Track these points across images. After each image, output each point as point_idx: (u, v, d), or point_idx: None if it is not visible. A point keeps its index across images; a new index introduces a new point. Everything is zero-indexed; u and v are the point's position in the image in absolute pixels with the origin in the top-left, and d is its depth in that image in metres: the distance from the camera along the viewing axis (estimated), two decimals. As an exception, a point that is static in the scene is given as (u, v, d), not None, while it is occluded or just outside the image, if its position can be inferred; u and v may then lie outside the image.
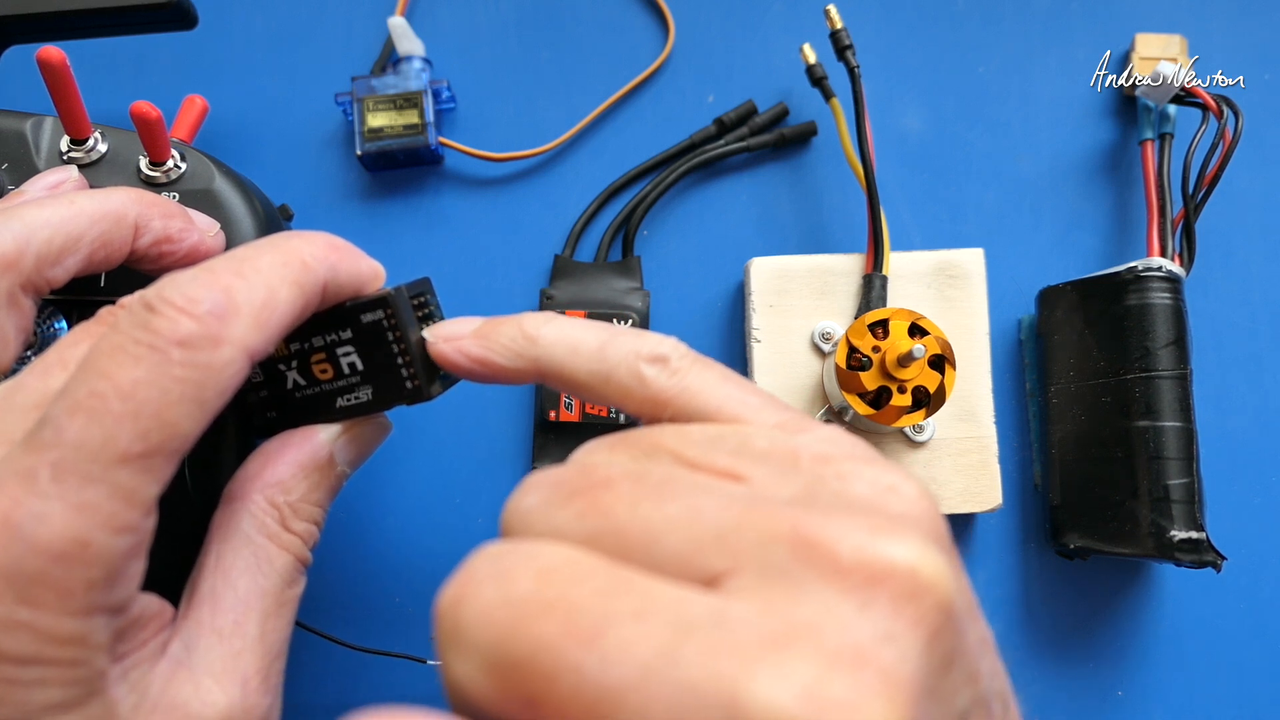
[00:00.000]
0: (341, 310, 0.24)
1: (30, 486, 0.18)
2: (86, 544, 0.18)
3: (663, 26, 0.41)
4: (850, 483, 0.18)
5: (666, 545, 0.16)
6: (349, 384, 0.25)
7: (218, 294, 0.20)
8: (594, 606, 0.15)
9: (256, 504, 0.23)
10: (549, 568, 0.16)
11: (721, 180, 0.40)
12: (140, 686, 0.21)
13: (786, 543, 0.16)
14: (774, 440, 0.19)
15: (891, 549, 0.16)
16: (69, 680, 0.19)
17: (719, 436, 0.19)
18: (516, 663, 0.15)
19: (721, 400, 0.21)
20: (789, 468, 0.18)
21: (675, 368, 0.21)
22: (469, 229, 0.39)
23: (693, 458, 0.19)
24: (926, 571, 0.15)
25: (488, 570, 0.16)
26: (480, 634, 0.16)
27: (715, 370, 0.22)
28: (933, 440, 0.35)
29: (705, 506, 0.17)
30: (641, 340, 0.22)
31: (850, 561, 0.15)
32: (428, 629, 0.36)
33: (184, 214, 0.26)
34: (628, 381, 0.21)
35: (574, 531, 0.17)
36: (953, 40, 0.41)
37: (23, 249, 0.22)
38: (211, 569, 0.23)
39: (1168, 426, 0.33)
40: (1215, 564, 0.31)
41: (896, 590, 0.15)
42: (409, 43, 0.39)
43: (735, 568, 0.16)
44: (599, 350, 0.22)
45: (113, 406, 0.19)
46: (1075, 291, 0.36)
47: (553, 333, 0.23)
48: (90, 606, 0.19)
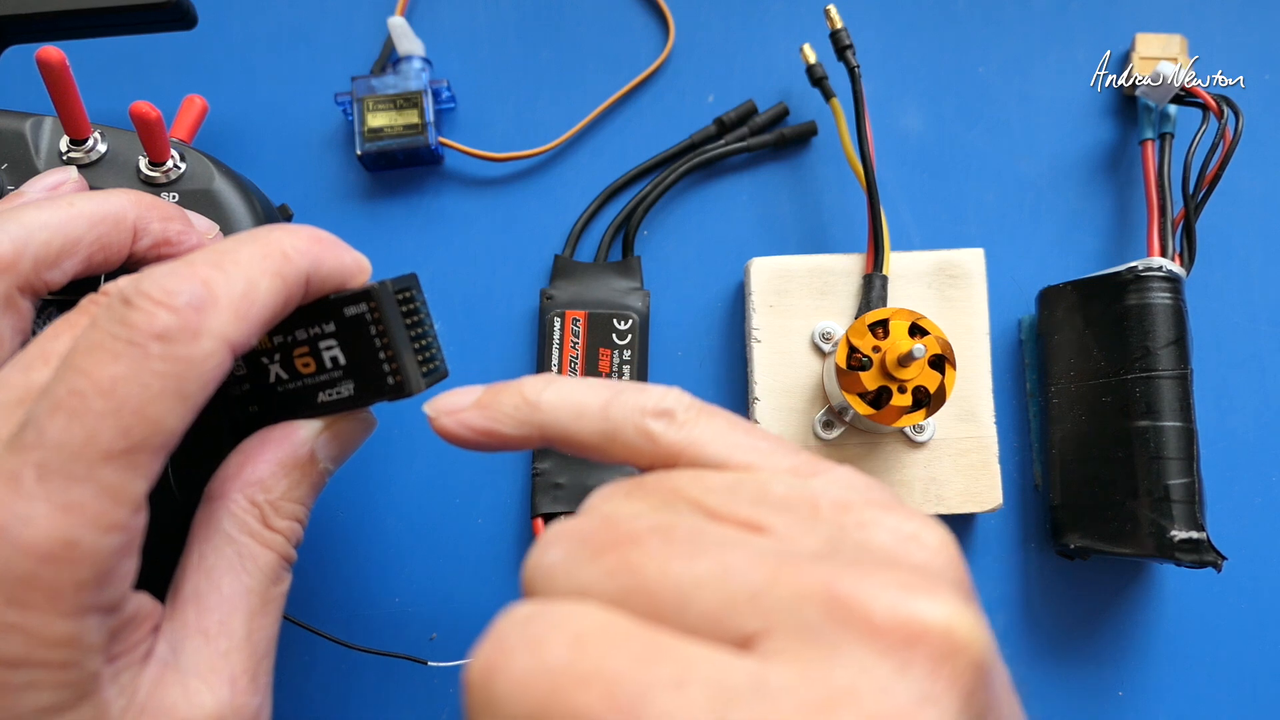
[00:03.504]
0: (325, 303, 0.24)
1: (14, 488, 0.18)
2: (74, 544, 0.18)
3: (663, 26, 0.41)
4: (872, 531, 0.18)
5: (699, 605, 0.16)
6: (331, 378, 0.25)
7: (196, 286, 0.20)
8: (633, 676, 0.15)
9: (237, 503, 0.23)
10: (582, 634, 0.16)
11: (721, 180, 0.40)
12: (129, 689, 0.20)
13: (819, 602, 0.16)
14: (791, 487, 0.19)
15: (925, 607, 0.15)
16: (60, 683, 0.19)
17: (737, 484, 0.19)
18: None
19: (731, 448, 0.21)
20: (809, 516, 0.18)
21: (682, 420, 0.21)
22: (469, 229, 0.39)
23: (714, 507, 0.19)
24: (961, 630, 0.15)
25: (519, 637, 0.16)
26: (516, 706, 0.15)
27: (721, 418, 0.21)
28: (933, 440, 0.35)
29: (735, 564, 0.17)
30: (645, 395, 0.22)
31: (885, 622, 0.15)
32: (427, 630, 0.36)
33: (183, 217, 0.26)
34: (634, 439, 0.21)
35: (603, 590, 0.17)
36: (953, 40, 0.41)
37: (20, 251, 0.22)
38: (195, 569, 0.23)
39: (1168, 426, 0.33)
40: (1215, 564, 0.31)
41: (933, 650, 0.15)
42: (409, 43, 0.39)
43: (769, 629, 0.16)
44: (602, 410, 0.22)
45: (93, 404, 0.19)
46: (1075, 291, 0.36)
47: (554, 396, 0.22)
48: (81, 607, 0.19)
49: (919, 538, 0.18)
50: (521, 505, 0.37)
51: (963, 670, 0.15)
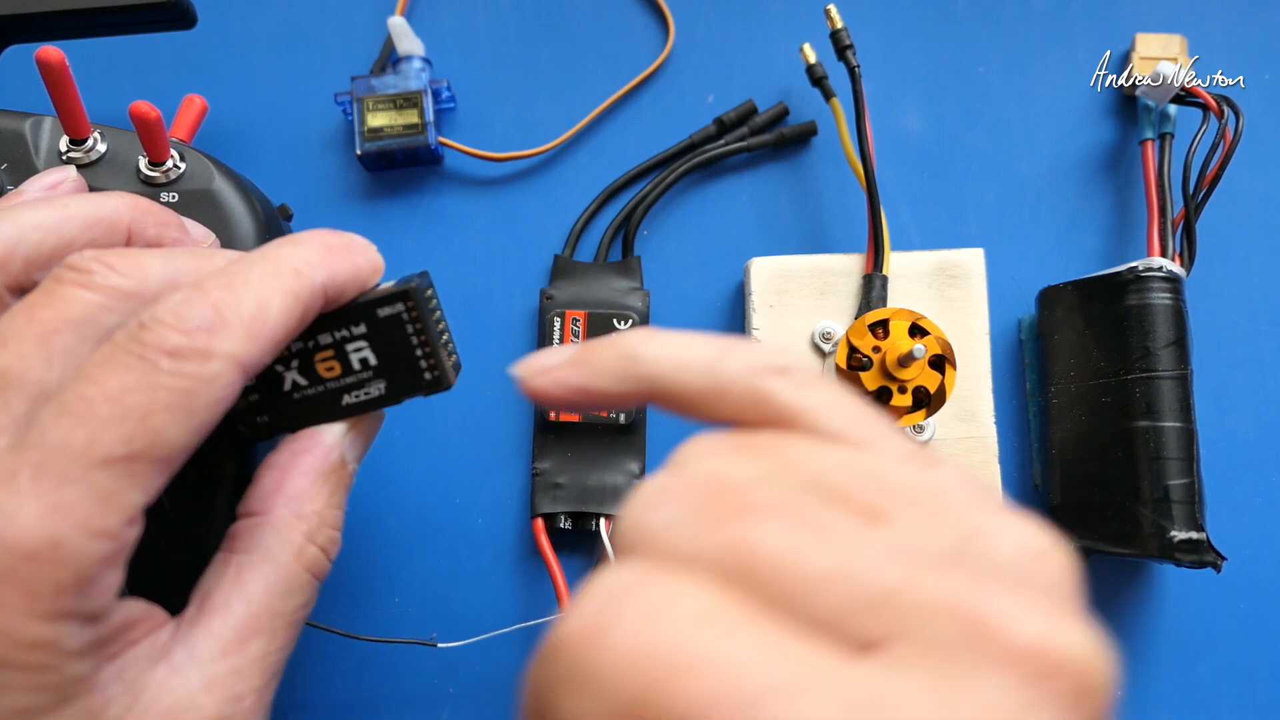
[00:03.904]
0: (354, 306, 0.24)
1: (8, 485, 0.18)
2: (58, 544, 0.18)
3: (663, 26, 0.41)
4: (997, 541, 0.16)
5: (823, 601, 0.15)
6: (359, 380, 0.25)
7: (207, 310, 0.20)
8: (752, 673, 0.14)
9: (282, 519, 0.23)
10: (699, 613, 0.15)
11: (721, 180, 0.40)
12: (136, 687, 0.20)
13: (955, 617, 0.15)
14: (913, 476, 0.18)
15: (1068, 640, 0.15)
16: (36, 686, 0.19)
17: (855, 463, 0.18)
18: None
19: (850, 420, 0.19)
20: (933, 513, 0.17)
21: (801, 380, 0.20)
22: (469, 229, 0.39)
23: (835, 485, 0.17)
24: (1099, 669, 0.15)
25: (628, 606, 0.15)
26: (618, 679, 0.14)
27: (835, 387, 0.20)
28: (933, 440, 0.35)
29: (865, 561, 0.15)
30: (759, 351, 0.20)
31: (1027, 649, 0.14)
32: (427, 629, 0.36)
33: (179, 222, 0.26)
34: (746, 397, 0.20)
35: (720, 565, 0.16)
36: (953, 40, 0.41)
37: (11, 251, 0.22)
38: (229, 581, 0.22)
39: (1168, 427, 0.33)
40: (1216, 564, 0.31)
41: (1071, 686, 0.14)
42: (409, 42, 0.39)
43: (897, 636, 0.15)
44: (711, 365, 0.20)
45: (99, 410, 0.19)
46: (1075, 291, 0.36)
47: (658, 349, 0.21)
48: (57, 611, 0.18)
49: (1047, 555, 0.16)
50: (521, 505, 0.37)
51: (1095, 711, 0.14)
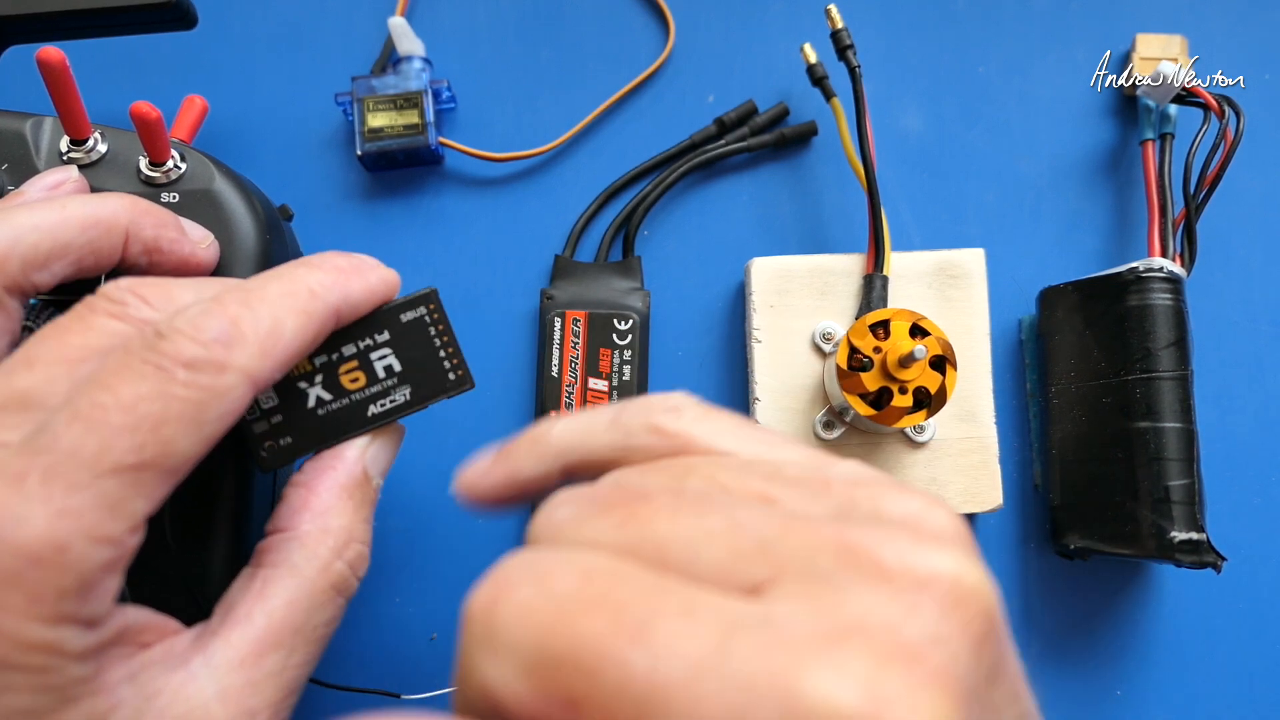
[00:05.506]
0: (377, 315, 0.25)
1: (17, 489, 0.18)
2: (63, 549, 0.18)
3: (663, 26, 0.41)
4: (883, 504, 0.18)
5: (708, 556, 0.16)
6: (384, 388, 0.25)
7: (224, 323, 0.21)
8: (640, 604, 0.15)
9: (309, 534, 0.23)
10: (590, 569, 0.16)
11: (722, 180, 0.40)
12: (148, 691, 0.21)
13: (830, 550, 0.16)
14: (804, 469, 0.19)
15: (935, 557, 0.16)
16: (37, 687, 0.19)
17: (748, 465, 0.19)
18: (558, 660, 0.15)
19: (743, 440, 0.21)
20: (821, 491, 0.18)
21: (692, 414, 0.21)
22: (469, 229, 0.39)
23: (726, 481, 0.19)
24: (971, 579, 0.16)
25: (524, 572, 0.16)
26: (519, 632, 0.15)
27: (730, 416, 0.22)
28: (933, 441, 0.35)
29: (745, 519, 0.17)
30: (652, 399, 0.22)
31: (896, 567, 0.15)
32: (427, 630, 0.36)
33: (177, 224, 0.26)
34: (647, 439, 0.21)
35: (611, 541, 0.17)
36: (953, 40, 0.41)
37: (8, 252, 0.22)
38: (254, 595, 0.23)
39: (1168, 427, 0.33)
40: (1215, 565, 0.31)
41: (942, 596, 0.15)
42: (409, 43, 0.39)
43: (778, 575, 0.16)
44: (612, 422, 0.22)
45: (112, 418, 0.19)
46: (1076, 292, 0.36)
47: (563, 426, 0.23)
48: (59, 615, 0.19)
49: (930, 511, 0.18)
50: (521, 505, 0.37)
51: (973, 618, 0.15)
